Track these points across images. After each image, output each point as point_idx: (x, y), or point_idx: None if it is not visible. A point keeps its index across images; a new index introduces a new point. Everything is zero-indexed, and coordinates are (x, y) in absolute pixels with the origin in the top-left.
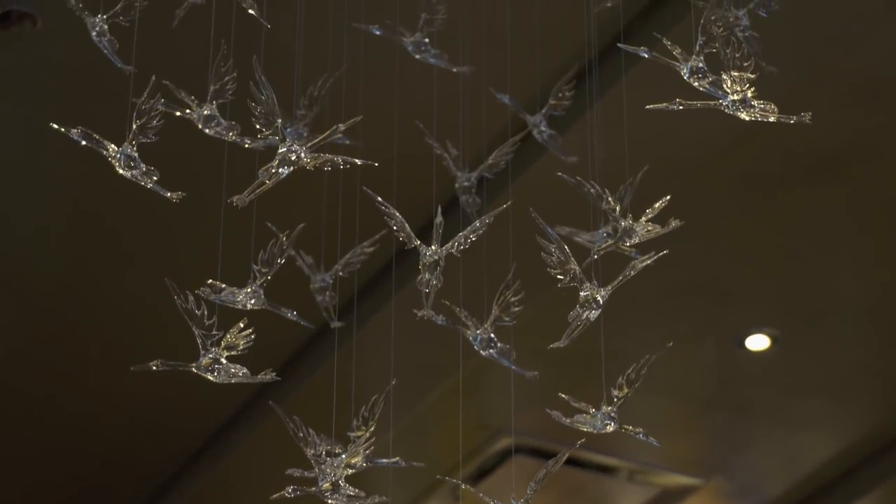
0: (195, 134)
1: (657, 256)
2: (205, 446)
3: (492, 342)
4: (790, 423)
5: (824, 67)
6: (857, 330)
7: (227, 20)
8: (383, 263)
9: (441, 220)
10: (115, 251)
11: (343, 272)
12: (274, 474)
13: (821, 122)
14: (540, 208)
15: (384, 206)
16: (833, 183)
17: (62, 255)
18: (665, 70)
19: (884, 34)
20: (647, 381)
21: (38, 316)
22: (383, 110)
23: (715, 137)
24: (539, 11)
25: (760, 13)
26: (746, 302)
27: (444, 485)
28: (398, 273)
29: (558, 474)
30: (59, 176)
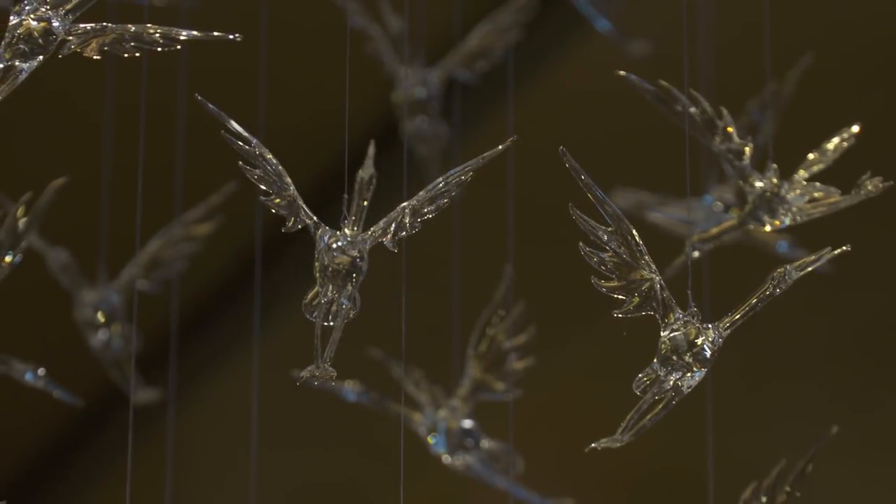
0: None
1: (834, 256)
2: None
3: (469, 438)
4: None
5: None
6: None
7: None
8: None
9: (372, 175)
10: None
11: (147, 283)
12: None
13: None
14: (577, 149)
15: (237, 134)
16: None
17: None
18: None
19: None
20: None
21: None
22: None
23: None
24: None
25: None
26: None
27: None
28: (266, 291)
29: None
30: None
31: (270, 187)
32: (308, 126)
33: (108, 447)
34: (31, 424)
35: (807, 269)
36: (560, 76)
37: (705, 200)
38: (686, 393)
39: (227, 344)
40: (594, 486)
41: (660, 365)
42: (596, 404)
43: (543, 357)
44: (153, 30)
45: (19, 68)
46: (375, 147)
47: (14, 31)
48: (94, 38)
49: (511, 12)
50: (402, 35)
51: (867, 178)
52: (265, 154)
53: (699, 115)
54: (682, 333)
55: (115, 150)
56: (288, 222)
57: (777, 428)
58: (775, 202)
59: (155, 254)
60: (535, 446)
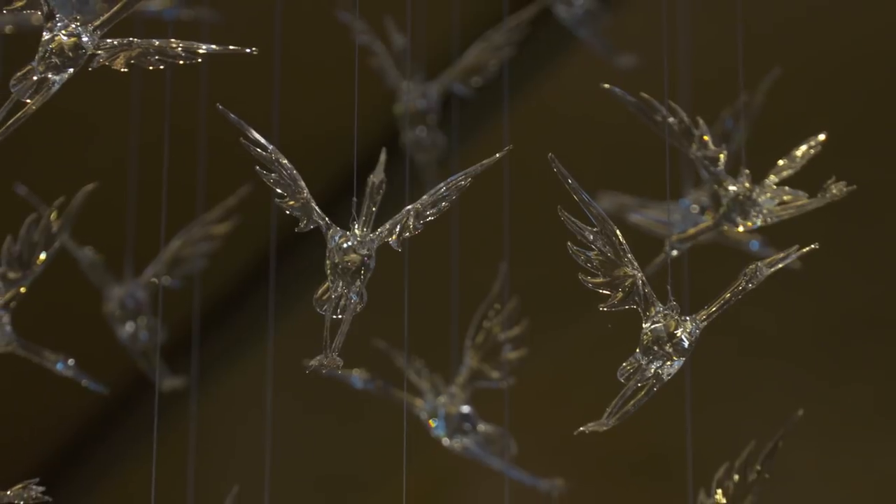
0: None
1: (802, 254)
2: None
3: (467, 422)
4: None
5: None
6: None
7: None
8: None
9: (382, 180)
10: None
11: (168, 280)
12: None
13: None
14: (565, 156)
15: (256, 141)
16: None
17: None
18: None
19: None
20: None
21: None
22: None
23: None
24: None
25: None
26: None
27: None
28: (281, 286)
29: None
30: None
31: (285, 190)
32: (318, 134)
33: (135, 430)
34: (64, 410)
35: (776, 266)
36: (549, 90)
37: (683, 203)
38: (666, 380)
39: (244, 335)
40: (582, 466)
41: (642, 355)
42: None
43: (535, 347)
44: (176, 44)
45: (52, 80)
46: (376, 155)
47: (47, 46)
48: (122, 52)
49: (504, 32)
50: (403, 52)
51: (832, 182)
52: (281, 159)
53: (677, 125)
54: (663, 325)
55: (140, 158)
56: (301, 223)
57: (749, 411)
58: (748, 205)
59: (177, 252)
60: (528, 430)
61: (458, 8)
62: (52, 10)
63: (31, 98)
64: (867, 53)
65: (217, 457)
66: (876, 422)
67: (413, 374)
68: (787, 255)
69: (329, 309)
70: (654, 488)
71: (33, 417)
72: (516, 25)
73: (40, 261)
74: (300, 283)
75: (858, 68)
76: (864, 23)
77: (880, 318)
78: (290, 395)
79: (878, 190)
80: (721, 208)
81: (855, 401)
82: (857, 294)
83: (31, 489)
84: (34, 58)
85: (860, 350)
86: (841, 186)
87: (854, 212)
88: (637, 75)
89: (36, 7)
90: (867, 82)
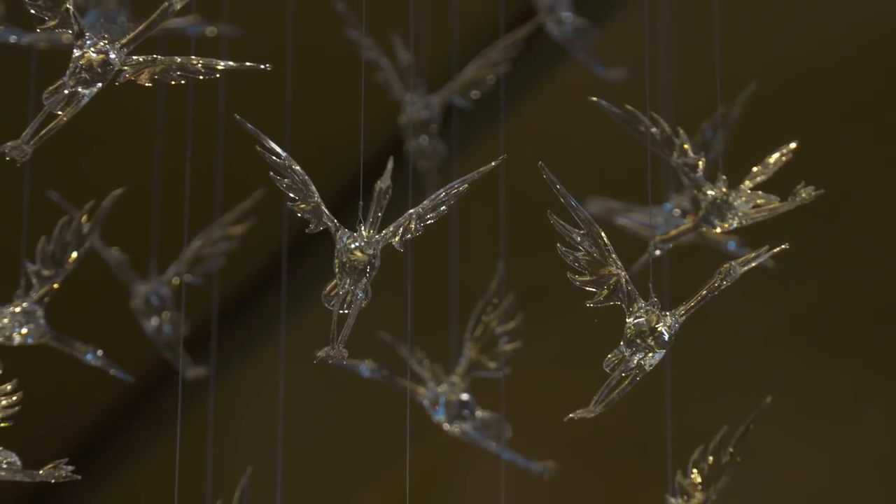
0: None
1: (774, 253)
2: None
3: (465, 409)
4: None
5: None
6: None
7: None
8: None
9: (388, 185)
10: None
11: (191, 275)
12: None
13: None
14: (556, 163)
15: (270, 149)
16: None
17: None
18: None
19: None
20: (764, 486)
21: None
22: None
23: (884, 36)
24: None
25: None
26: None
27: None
28: (294, 281)
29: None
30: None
31: (297, 194)
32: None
33: (159, 415)
34: (93, 397)
35: (749, 264)
36: (542, 102)
37: (665, 207)
38: (648, 371)
39: (259, 328)
40: (571, 450)
41: (626, 347)
42: (573, 380)
43: (529, 340)
44: (196, 61)
45: (82, 94)
46: (385, 161)
47: (77, 63)
48: (146, 68)
49: (500, 49)
50: (408, 67)
51: (801, 187)
52: (293, 165)
53: (659, 135)
54: (645, 320)
55: (164, 166)
56: (311, 224)
57: (726, 400)
58: (724, 208)
59: (197, 252)
60: (522, 416)
61: (458, 27)
62: (83, 29)
63: (63, 110)
64: (835, 75)
65: (234, 439)
66: (851, 407)
67: (416, 365)
68: (758, 255)
69: (336, 304)
70: (636, 469)
71: (65, 403)
72: (511, 43)
73: (72, 260)
74: (310, 280)
75: (828, 87)
76: (834, 47)
77: (854, 309)
78: (301, 382)
79: (845, 194)
80: (700, 211)
81: (830, 387)
82: (832, 287)
83: (62, 468)
84: (65, 73)
85: (835, 339)
86: (809, 191)
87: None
88: (623, 88)
89: (67, 26)
90: (835, 99)
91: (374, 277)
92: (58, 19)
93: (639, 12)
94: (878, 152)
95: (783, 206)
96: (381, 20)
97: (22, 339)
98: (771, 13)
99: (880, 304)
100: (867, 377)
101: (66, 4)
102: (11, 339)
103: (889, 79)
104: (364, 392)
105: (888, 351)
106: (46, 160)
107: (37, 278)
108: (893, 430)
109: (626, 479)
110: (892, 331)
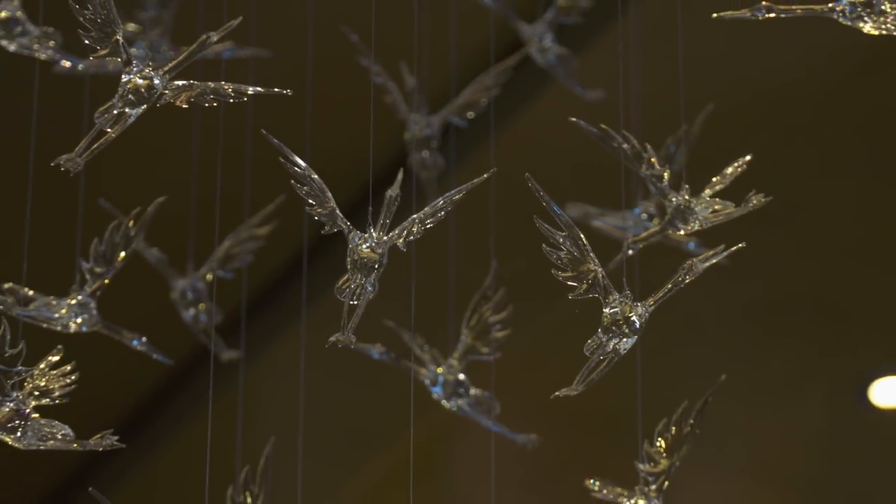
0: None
1: (731, 252)
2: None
3: (461, 387)
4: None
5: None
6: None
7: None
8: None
9: (397, 194)
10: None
11: (223, 271)
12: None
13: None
14: (539, 174)
15: (292, 160)
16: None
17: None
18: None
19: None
20: (720, 454)
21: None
22: (293, 11)
23: (823, 64)
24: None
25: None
26: (876, 329)
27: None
28: (313, 276)
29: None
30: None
31: (315, 200)
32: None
33: (195, 393)
34: (137, 377)
35: (708, 262)
36: (528, 121)
37: (635, 212)
38: (622, 354)
39: (282, 317)
40: (554, 423)
41: (603, 333)
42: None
43: (517, 328)
44: (227, 86)
45: (128, 114)
46: (389, 173)
47: (125, 87)
48: (184, 92)
49: (492, 76)
50: (412, 90)
51: (752, 195)
52: (312, 175)
53: (630, 149)
54: (619, 310)
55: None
56: (327, 227)
57: (688, 378)
58: (687, 213)
59: (228, 250)
60: (510, 395)
61: (455, 56)
62: (130, 58)
63: (112, 128)
64: (782, 97)
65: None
66: (796, 385)
67: (417, 349)
68: (715, 253)
69: (347, 296)
70: (610, 440)
71: (113, 384)
72: (501, 70)
73: (120, 258)
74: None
75: (774, 107)
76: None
77: (798, 300)
78: (319, 364)
79: (789, 200)
80: (666, 216)
81: (778, 368)
82: (779, 282)
83: (108, 438)
84: (114, 95)
85: (781, 326)
86: (759, 198)
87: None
88: (599, 109)
89: (117, 55)
90: (783, 118)
91: (381, 273)
92: (108, 48)
93: (613, 43)
94: (817, 163)
95: (737, 211)
96: (389, 50)
97: (77, 328)
98: (726, 45)
99: (820, 296)
100: (810, 359)
101: (116, 36)
102: (68, 328)
103: (824, 100)
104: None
105: (828, 336)
106: (99, 172)
107: (90, 275)
108: (833, 405)
109: (601, 449)
110: (831, 319)
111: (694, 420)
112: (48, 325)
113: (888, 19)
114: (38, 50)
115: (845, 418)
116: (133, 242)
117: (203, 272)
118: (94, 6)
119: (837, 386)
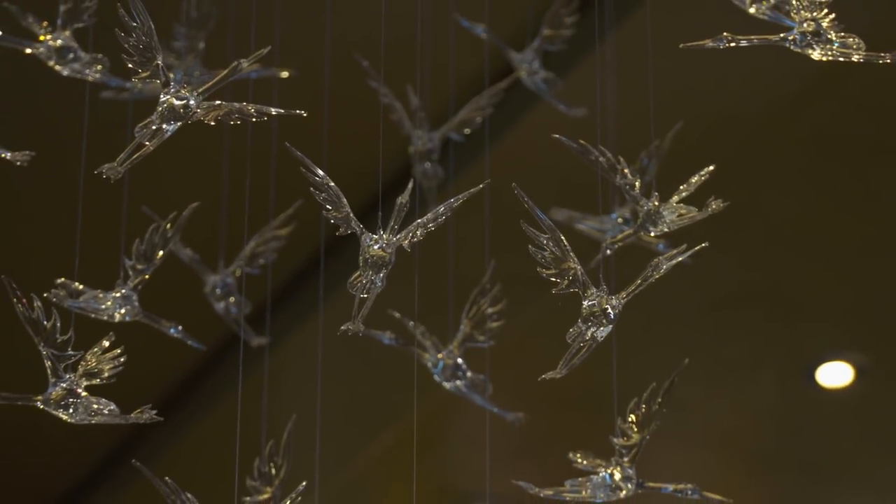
0: (45, 74)
1: (694, 251)
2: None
3: (459, 371)
4: (880, 489)
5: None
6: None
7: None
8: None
9: (407, 201)
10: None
11: (250, 267)
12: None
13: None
14: (527, 184)
15: (311, 170)
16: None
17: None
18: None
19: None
20: (684, 428)
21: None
22: (311, 40)
23: (775, 87)
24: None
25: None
26: (821, 319)
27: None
28: (329, 272)
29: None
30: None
31: (332, 205)
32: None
33: (225, 376)
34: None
35: (674, 260)
36: (518, 137)
37: (612, 216)
38: (600, 341)
39: (303, 308)
40: (540, 402)
41: (583, 323)
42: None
43: (510, 319)
44: (251, 107)
45: (165, 129)
46: (396, 182)
47: (163, 105)
48: (213, 111)
49: (486, 97)
50: (415, 109)
51: (712, 200)
52: (329, 183)
53: (606, 162)
54: (597, 302)
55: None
56: (342, 229)
57: (656, 362)
58: (657, 217)
59: (254, 249)
60: (502, 377)
61: (454, 79)
62: (169, 80)
63: (149, 141)
64: (741, 112)
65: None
66: (750, 368)
67: (420, 336)
68: (679, 252)
69: (358, 290)
70: (589, 418)
71: (151, 367)
72: (495, 92)
73: (159, 257)
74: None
75: (733, 124)
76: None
77: (750, 294)
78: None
79: (746, 205)
80: (638, 220)
81: (734, 353)
82: (735, 278)
83: (147, 412)
84: (153, 113)
85: (737, 317)
86: (718, 203)
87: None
88: (580, 125)
89: (156, 77)
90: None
91: (389, 270)
92: (149, 72)
93: (592, 68)
94: (771, 171)
95: (699, 214)
96: (395, 74)
97: (121, 318)
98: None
99: (771, 291)
100: (763, 346)
101: (156, 61)
102: (113, 317)
103: (777, 116)
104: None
105: (778, 326)
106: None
107: (132, 271)
108: (783, 386)
109: (582, 425)
110: (781, 311)
111: (661, 399)
112: (95, 315)
113: (833, 48)
114: (88, 73)
115: (794, 397)
116: (170, 242)
117: (232, 269)
118: (138, 35)
119: (787, 369)
